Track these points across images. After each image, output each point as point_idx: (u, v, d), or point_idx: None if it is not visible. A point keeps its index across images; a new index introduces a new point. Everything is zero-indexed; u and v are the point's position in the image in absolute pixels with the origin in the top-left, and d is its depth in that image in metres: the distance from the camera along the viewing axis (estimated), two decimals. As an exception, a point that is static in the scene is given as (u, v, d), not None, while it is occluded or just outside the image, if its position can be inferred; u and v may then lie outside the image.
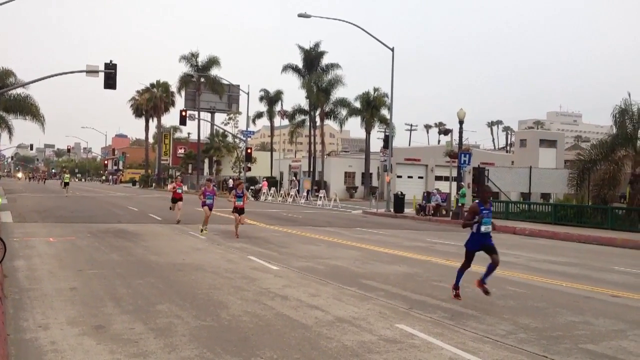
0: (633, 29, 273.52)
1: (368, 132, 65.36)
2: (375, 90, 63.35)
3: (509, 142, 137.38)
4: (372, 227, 25.93)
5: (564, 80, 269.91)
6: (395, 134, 56.22)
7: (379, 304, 9.31)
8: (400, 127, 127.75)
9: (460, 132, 33.80)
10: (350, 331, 7.50)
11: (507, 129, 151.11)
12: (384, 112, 61.86)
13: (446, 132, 46.06)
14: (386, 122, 56.03)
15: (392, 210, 36.95)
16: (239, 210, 18.80)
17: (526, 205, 33.33)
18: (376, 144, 58.78)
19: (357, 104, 63.94)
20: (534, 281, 12.28)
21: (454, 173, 35.61)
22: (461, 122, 33.34)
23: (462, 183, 33.84)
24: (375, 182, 63.54)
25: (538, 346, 7.13)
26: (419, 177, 65.86)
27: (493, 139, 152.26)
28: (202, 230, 19.34)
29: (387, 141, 41.65)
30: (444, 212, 34.26)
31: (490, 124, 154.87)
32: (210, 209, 19.66)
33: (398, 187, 51.53)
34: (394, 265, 13.86)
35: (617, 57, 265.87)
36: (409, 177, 64.72)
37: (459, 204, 31.90)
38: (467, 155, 33.09)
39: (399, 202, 36.52)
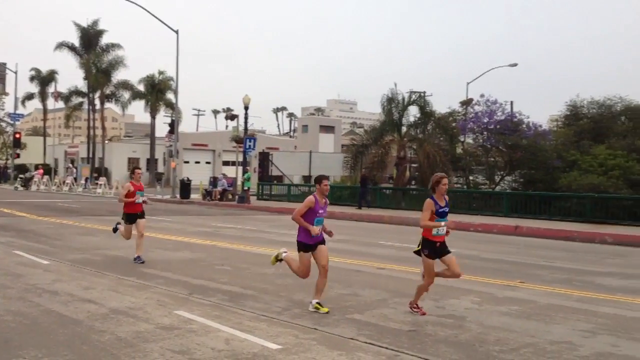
0: (402, 27, 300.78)
1: (153, 117, 63.23)
2: (161, 73, 61.46)
3: (292, 127, 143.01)
4: (157, 215, 25.24)
5: (342, 69, 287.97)
6: (181, 119, 55.42)
7: (158, 292, 9.14)
8: (188, 112, 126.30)
9: (246, 118, 34.32)
10: (126, 322, 7.25)
11: (291, 115, 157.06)
12: (170, 96, 60.35)
13: (233, 117, 46.49)
14: (172, 107, 54.72)
15: (178, 196, 36.37)
16: None
17: (307, 188, 35.04)
18: (162, 129, 57.23)
19: (141, 87, 61.55)
20: (310, 259, 12.97)
21: (241, 158, 36.11)
22: (246, 108, 33.84)
23: (248, 167, 34.46)
24: (161, 168, 61.95)
25: (310, 320, 7.57)
26: (207, 163, 65.66)
27: (278, 125, 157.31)
28: None
29: (173, 126, 40.79)
30: (230, 196, 34.59)
31: (276, 110, 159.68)
32: None
33: (185, 172, 50.80)
34: (177, 252, 13.69)
35: (388, 48, 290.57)
36: (196, 162, 64.18)
37: (245, 188, 32.45)
38: (252, 140, 33.74)
39: (185, 187, 36.07)
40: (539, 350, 6.49)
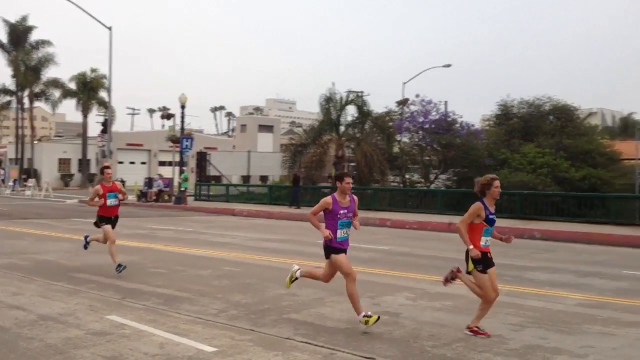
0: (340, 27, 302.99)
1: (85, 116, 61.39)
2: (93, 71, 59.77)
3: (231, 127, 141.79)
4: (89, 217, 24.50)
5: (282, 68, 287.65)
6: (115, 118, 54.07)
7: (90, 296, 8.89)
8: (122, 111, 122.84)
9: (182, 117, 33.81)
10: (55, 328, 7.02)
11: (229, 115, 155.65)
12: (103, 94, 58.83)
13: (169, 116, 45.55)
14: (105, 105, 53.25)
15: (112, 197, 35.38)
16: None
17: (246, 188, 34.83)
18: (95, 129, 55.52)
19: (73, 86, 59.64)
20: (248, 259, 12.94)
21: (177, 158, 35.52)
22: (183, 107, 33.33)
23: (185, 168, 33.94)
24: (94, 169, 60.11)
25: (247, 321, 7.53)
26: (142, 163, 64.22)
27: (216, 124, 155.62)
28: None
29: (106, 125, 39.64)
30: (166, 197, 33.97)
31: (214, 109, 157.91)
32: None
33: (119, 173, 49.56)
34: (109, 255, 13.31)
35: (327, 48, 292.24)
36: (131, 162, 62.70)
37: (182, 189, 31.95)
38: (189, 140, 33.26)
39: (120, 189, 35.13)
40: (471, 344, 6.68)
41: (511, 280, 10.87)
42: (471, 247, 6.86)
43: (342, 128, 33.94)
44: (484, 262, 6.90)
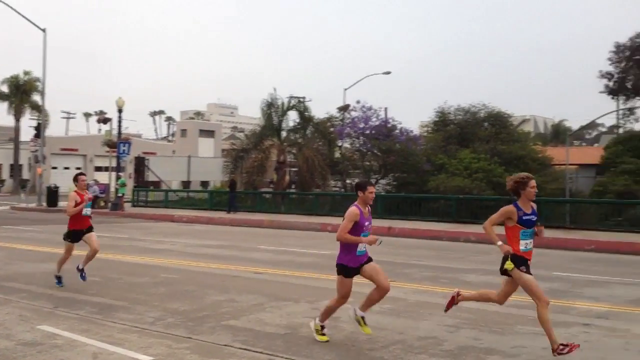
0: (282, 32, 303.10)
1: (18, 120, 59.05)
2: (26, 73, 57.56)
3: (170, 132, 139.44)
4: (21, 224, 23.64)
5: (224, 73, 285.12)
6: (49, 122, 52.22)
7: (20, 306, 8.56)
8: (57, 115, 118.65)
9: (120, 121, 33.08)
10: (-18, 341, 6.73)
11: (169, 119, 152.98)
12: (37, 97, 56.71)
13: (105, 120, 44.54)
14: (39, 109, 51.44)
15: (45, 204, 34.24)
16: None
17: (185, 193, 34.34)
18: (28, 133, 53.54)
19: (5, 88, 57.34)
20: (187, 266, 12.76)
21: (114, 163, 34.68)
22: (120, 111, 32.59)
23: (121, 173, 33.17)
24: (26, 175, 57.95)
25: (184, 329, 7.42)
26: (77, 169, 62.27)
27: (155, 129, 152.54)
28: None
29: (39, 129, 38.29)
30: (102, 203, 33.07)
31: (153, 114, 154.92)
32: None
33: (53, 179, 47.99)
34: (43, 264, 12.86)
35: (268, 53, 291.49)
36: (65, 168, 60.74)
37: (119, 195, 31.20)
38: (127, 145, 32.53)
39: (53, 195, 34.03)
40: (407, 346, 6.80)
41: (448, 282, 11.12)
42: (499, 243, 6.44)
43: (284, 133, 33.96)
44: (523, 261, 6.41)
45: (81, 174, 10.50)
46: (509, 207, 6.47)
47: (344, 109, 38.78)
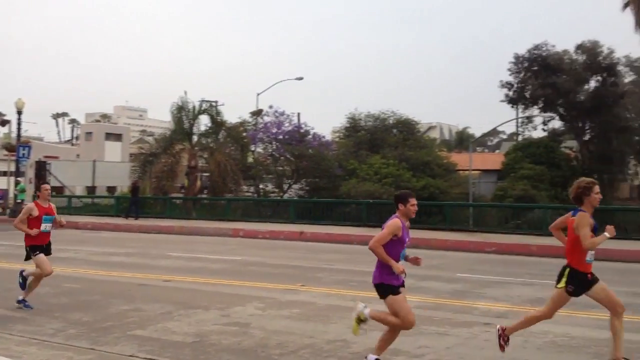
0: (194, 36, 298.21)
1: None
2: None
3: (74, 135, 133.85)
4: None
5: (132, 74, 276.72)
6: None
7: None
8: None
9: (19, 123, 31.40)
10: None
11: (73, 122, 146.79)
12: None
13: (4, 123, 42.36)
14: None
15: None
16: None
17: (90, 199, 33.09)
18: None
19: None
20: (91, 275, 12.30)
21: (13, 168, 32.85)
22: (20, 112, 30.96)
23: (21, 179, 31.51)
24: None
25: (87, 340, 7.14)
26: (-28, 173, 58.56)
27: (59, 132, 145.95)
28: None
29: None
30: (1, 210, 31.28)
31: (56, 116, 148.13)
32: None
33: (-56, 184, 44.77)
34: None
35: (180, 55, 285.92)
36: (-42, 172, 56.91)
37: (18, 201, 29.59)
38: (27, 148, 30.94)
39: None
40: (317, 350, 6.87)
41: (357, 285, 11.31)
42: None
43: (195, 137, 33.33)
44: (581, 283, 5.91)
45: (45, 182, 9.41)
46: (586, 214, 5.84)
47: (257, 113, 38.68)
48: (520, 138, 43.46)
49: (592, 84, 36.93)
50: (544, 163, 33.76)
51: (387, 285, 5.93)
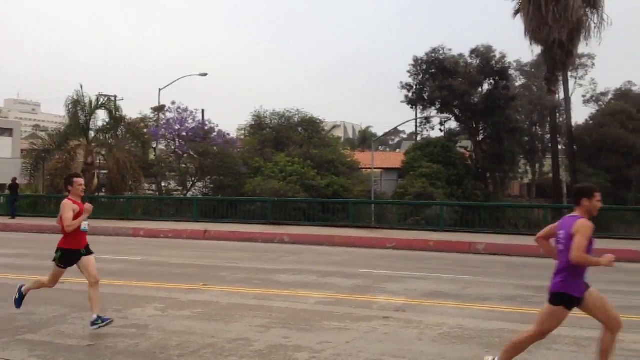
0: (92, 27, 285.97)
1: None
2: None
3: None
4: None
5: (25, 66, 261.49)
6: None
7: None
8: None
9: None
10: None
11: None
12: None
13: None
14: None
15: None
16: None
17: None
18: None
19: None
20: (-24, 278, 11.51)
21: None
22: None
23: None
24: None
25: (-30, 347, 6.70)
26: None
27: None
28: None
29: None
30: None
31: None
32: None
33: None
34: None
35: (78, 48, 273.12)
36: None
37: None
38: None
39: None
40: (218, 349, 6.80)
41: (260, 283, 11.31)
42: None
43: (92, 133, 32.00)
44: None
45: (77, 175, 7.97)
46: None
47: (159, 109, 37.70)
48: (419, 138, 45.02)
49: (486, 87, 38.97)
50: (441, 162, 35.22)
51: (569, 296, 5.37)
